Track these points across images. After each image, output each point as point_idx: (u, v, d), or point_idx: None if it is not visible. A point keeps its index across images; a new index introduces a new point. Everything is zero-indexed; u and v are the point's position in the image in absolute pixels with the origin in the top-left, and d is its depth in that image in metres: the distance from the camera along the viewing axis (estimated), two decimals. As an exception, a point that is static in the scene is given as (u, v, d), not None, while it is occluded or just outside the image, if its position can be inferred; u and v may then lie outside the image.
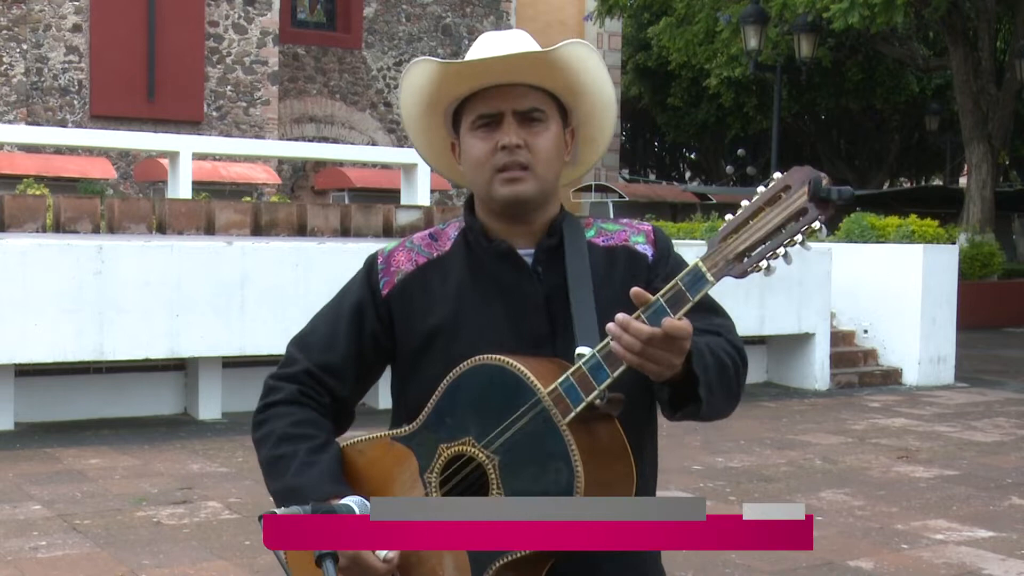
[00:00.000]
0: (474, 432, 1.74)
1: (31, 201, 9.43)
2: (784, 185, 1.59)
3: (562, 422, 1.67)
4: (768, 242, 1.59)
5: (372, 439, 1.86)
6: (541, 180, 1.87)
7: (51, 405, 7.81)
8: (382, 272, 1.95)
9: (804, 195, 1.56)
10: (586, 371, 1.68)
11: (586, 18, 25.97)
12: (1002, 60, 20.78)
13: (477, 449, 1.73)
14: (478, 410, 1.74)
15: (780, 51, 20.33)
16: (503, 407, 1.71)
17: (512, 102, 1.85)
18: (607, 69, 1.93)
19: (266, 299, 7.90)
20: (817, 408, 9.53)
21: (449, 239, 1.96)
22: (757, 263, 1.60)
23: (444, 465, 1.76)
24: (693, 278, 1.62)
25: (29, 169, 14.35)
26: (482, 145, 1.86)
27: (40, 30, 17.94)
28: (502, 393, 1.71)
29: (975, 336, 14.60)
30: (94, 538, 5.08)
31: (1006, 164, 27.47)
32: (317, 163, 20.26)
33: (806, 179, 1.57)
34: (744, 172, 34.94)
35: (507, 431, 1.71)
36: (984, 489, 6.54)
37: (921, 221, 12.04)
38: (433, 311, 1.89)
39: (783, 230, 1.58)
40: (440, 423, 1.77)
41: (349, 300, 1.97)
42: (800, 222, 1.57)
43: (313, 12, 22.63)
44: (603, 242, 1.94)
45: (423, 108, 1.95)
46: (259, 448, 1.91)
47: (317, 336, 1.97)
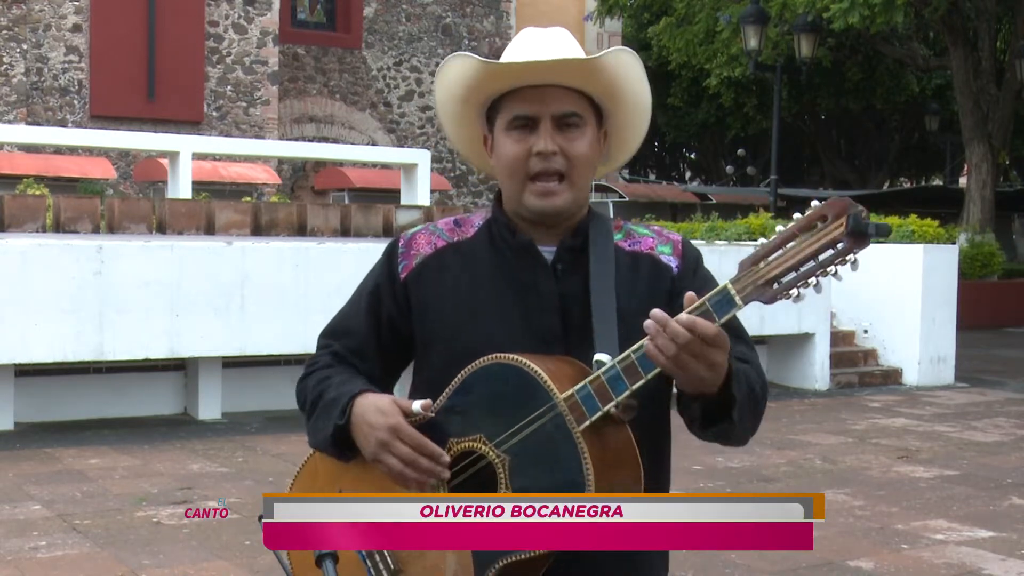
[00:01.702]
0: (485, 430, 1.73)
1: (31, 201, 9.43)
2: (821, 215, 1.58)
3: (576, 429, 1.67)
4: (800, 270, 1.59)
5: None
6: (575, 188, 1.84)
7: (51, 405, 7.81)
8: (402, 255, 1.93)
9: (842, 227, 1.56)
10: (605, 381, 1.67)
11: (586, 18, 25.97)
12: (1002, 60, 20.78)
13: (488, 447, 1.73)
14: (491, 409, 1.73)
15: (780, 51, 20.33)
16: (517, 408, 1.71)
17: (550, 105, 1.81)
18: (647, 75, 1.90)
19: (266, 299, 7.89)
20: (817, 408, 9.53)
21: (473, 227, 1.94)
22: (787, 291, 1.59)
23: (453, 459, 1.76)
24: (721, 300, 1.62)
25: (29, 169, 14.34)
26: (516, 148, 1.83)
27: (40, 30, 17.94)
28: (517, 394, 1.71)
29: (975, 336, 14.59)
30: (94, 538, 5.08)
31: (1006, 164, 27.48)
32: (317, 163, 20.25)
33: (844, 211, 1.56)
34: (744, 172, 34.94)
35: (520, 432, 1.71)
36: (984, 489, 6.54)
37: (921, 221, 12.04)
38: (447, 298, 1.88)
39: (816, 260, 1.58)
40: (451, 418, 1.77)
41: (368, 286, 1.97)
42: (835, 252, 1.57)
43: (313, 12, 22.63)
44: (629, 246, 1.91)
45: (457, 102, 1.92)
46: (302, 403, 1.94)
47: (339, 323, 1.99)
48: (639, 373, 1.65)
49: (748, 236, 12.42)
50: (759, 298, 1.61)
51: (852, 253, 1.56)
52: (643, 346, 1.64)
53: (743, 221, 13.03)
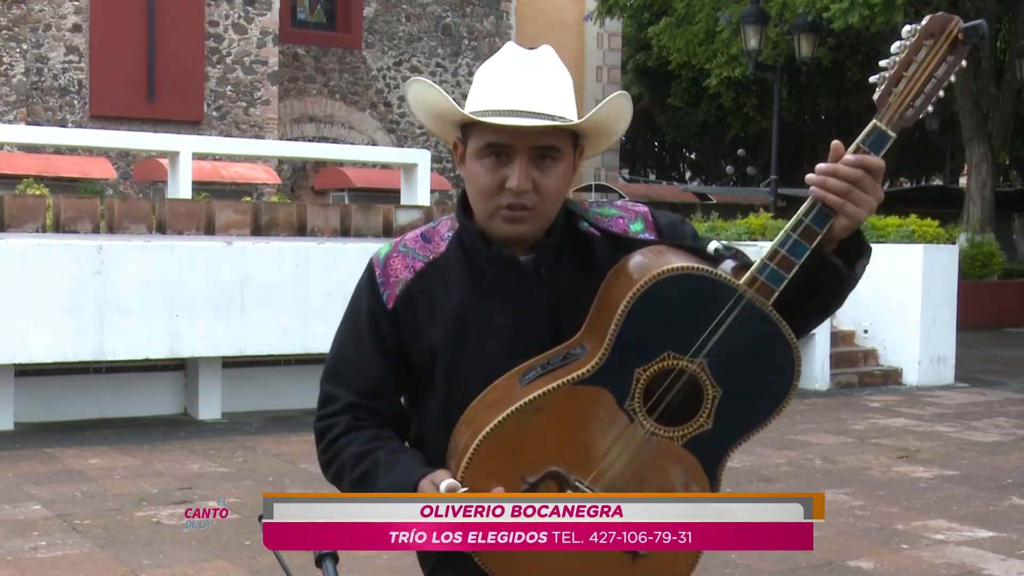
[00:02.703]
0: (672, 346, 1.73)
1: (31, 201, 9.42)
2: (928, 33, 1.72)
3: (767, 305, 1.72)
4: (926, 89, 1.72)
5: (547, 392, 1.73)
6: (543, 218, 1.83)
7: (51, 405, 7.81)
8: (383, 285, 1.88)
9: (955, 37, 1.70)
10: (785, 253, 1.73)
11: (586, 18, 25.98)
12: (1002, 60, 20.78)
13: (681, 360, 1.73)
14: (669, 324, 1.72)
15: (780, 51, 20.33)
16: (701, 313, 1.72)
17: (527, 138, 1.77)
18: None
19: (266, 299, 7.90)
20: (817, 408, 9.53)
21: (443, 239, 1.90)
22: (921, 111, 1.72)
23: (645, 388, 1.74)
24: (876, 137, 1.72)
25: (29, 169, 14.33)
26: (488, 179, 1.79)
27: (40, 30, 17.94)
28: (694, 300, 1.72)
29: (975, 336, 14.60)
30: (94, 538, 5.08)
31: (1006, 164, 27.48)
32: (317, 163, 20.25)
33: (947, 24, 1.70)
34: (744, 172, 34.94)
35: (711, 336, 1.72)
36: (984, 489, 6.54)
37: (921, 221, 12.04)
38: (434, 325, 1.85)
39: (935, 77, 1.72)
40: (628, 350, 1.73)
41: (363, 317, 1.90)
42: (948, 65, 1.71)
43: (313, 12, 22.62)
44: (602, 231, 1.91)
45: (430, 117, 1.89)
46: (339, 483, 1.86)
47: (346, 364, 1.90)
48: (815, 231, 1.73)
49: (748, 236, 12.41)
50: (904, 124, 1.73)
51: (962, 61, 1.71)
52: (814, 205, 1.72)
53: (743, 221, 13.03)
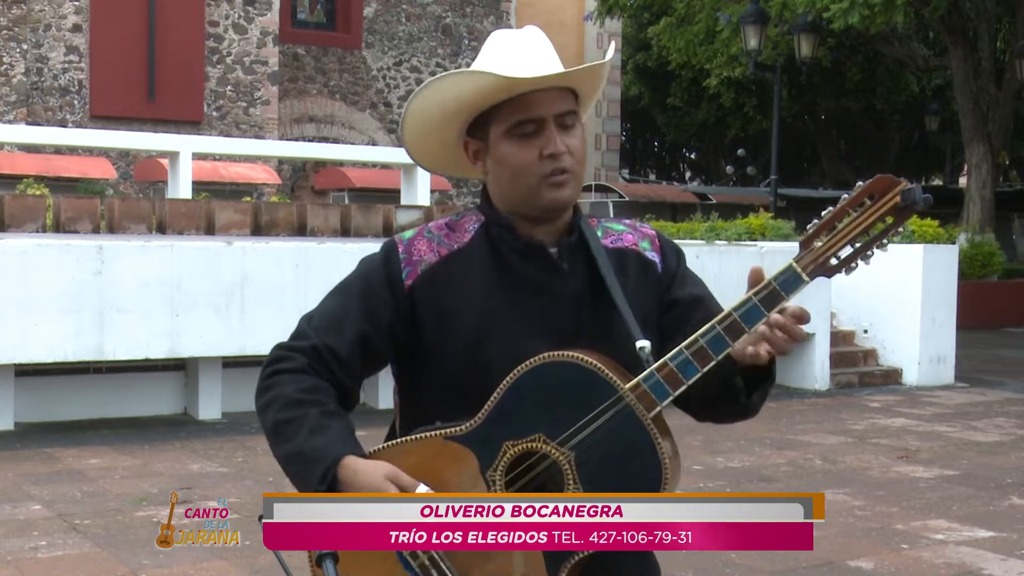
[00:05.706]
0: (544, 429, 1.73)
1: (31, 201, 9.43)
2: (868, 192, 1.71)
3: (647, 417, 1.72)
4: (856, 245, 1.72)
5: (419, 439, 1.79)
6: (579, 181, 1.89)
7: (51, 405, 7.82)
8: (404, 261, 1.89)
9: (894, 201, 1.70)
10: (674, 367, 1.72)
11: (586, 18, 26.00)
12: (1002, 60, 20.78)
13: (550, 446, 1.73)
14: (548, 407, 1.73)
15: (780, 51, 20.33)
16: (579, 404, 1.72)
17: (551, 107, 1.84)
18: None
19: (266, 299, 7.90)
20: (817, 408, 9.53)
21: (467, 232, 1.92)
22: (847, 264, 1.72)
23: (510, 462, 1.75)
24: (788, 278, 1.71)
25: (29, 169, 14.32)
26: (525, 153, 1.84)
27: (40, 30, 17.94)
28: (577, 390, 1.72)
29: (975, 336, 14.60)
30: (94, 538, 5.08)
31: (1006, 164, 27.49)
32: (317, 163, 20.25)
33: (890, 187, 1.71)
34: (744, 172, 34.96)
35: (585, 428, 1.72)
36: (984, 489, 6.54)
37: (921, 221, 12.03)
38: (461, 312, 1.86)
39: (868, 233, 1.71)
40: (504, 420, 1.74)
41: (363, 287, 1.90)
42: (887, 225, 1.71)
43: (313, 12, 22.63)
44: (611, 243, 1.94)
45: (445, 115, 1.89)
46: (264, 413, 1.87)
47: (328, 316, 1.90)
48: (709, 356, 1.71)
49: (748, 236, 12.41)
50: (825, 273, 1.73)
51: (901, 225, 1.71)
52: (712, 329, 1.71)
53: (743, 221, 13.02)
